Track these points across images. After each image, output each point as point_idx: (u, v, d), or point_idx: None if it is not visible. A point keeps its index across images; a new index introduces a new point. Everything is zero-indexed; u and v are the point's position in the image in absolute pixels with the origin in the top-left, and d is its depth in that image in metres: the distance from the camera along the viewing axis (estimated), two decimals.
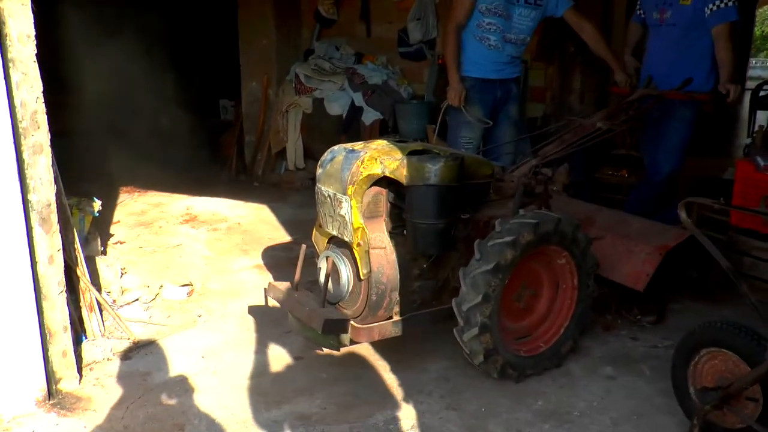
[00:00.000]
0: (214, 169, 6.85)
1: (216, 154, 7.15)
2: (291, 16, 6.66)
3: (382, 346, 3.04)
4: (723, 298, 3.54)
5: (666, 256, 3.15)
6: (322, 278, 2.83)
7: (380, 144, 2.80)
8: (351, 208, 2.64)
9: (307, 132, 6.24)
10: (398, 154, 2.69)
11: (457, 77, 4.16)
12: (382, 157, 2.67)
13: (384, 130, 5.88)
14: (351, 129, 5.96)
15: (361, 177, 2.63)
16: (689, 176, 4.28)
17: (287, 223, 5.09)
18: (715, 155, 4.57)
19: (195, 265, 4.19)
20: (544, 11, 4.18)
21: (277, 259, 4.31)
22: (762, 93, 8.15)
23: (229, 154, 6.94)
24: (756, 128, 8.03)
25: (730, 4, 3.80)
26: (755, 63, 23.07)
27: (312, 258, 3.17)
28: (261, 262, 4.28)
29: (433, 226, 2.70)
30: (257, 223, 5.14)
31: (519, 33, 4.14)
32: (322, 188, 2.79)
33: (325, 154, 2.85)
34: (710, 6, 3.82)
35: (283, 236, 4.82)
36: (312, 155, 6.28)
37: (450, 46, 4.18)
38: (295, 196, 5.93)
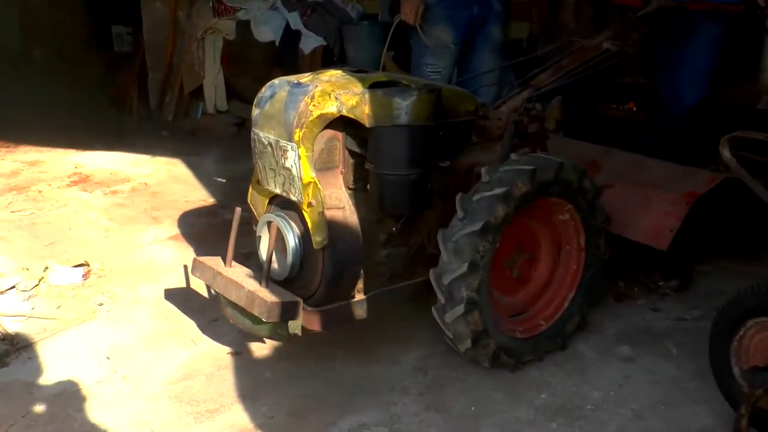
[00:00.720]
0: (110, 115, 6.75)
1: (111, 96, 7.04)
2: None
3: (343, 334, 3.01)
4: (765, 256, 3.61)
5: (694, 205, 3.17)
6: (263, 250, 2.78)
7: (334, 75, 2.73)
8: (299, 158, 2.58)
9: (230, 65, 6.18)
10: (358, 88, 2.63)
11: None
12: (337, 92, 2.60)
13: (328, 59, 5.82)
14: (286, 59, 5.88)
15: (312, 118, 2.56)
16: (715, 109, 4.32)
17: (209, 182, 5.05)
18: (744, 82, 4.62)
19: (90, 240, 4.11)
20: None
21: (199, 228, 4.27)
22: None
23: (128, 95, 6.85)
24: None
25: None
26: None
27: (248, 224, 3.11)
28: (178, 231, 4.24)
29: (405, 178, 2.66)
30: (170, 182, 5.08)
31: None
32: (261, 134, 2.71)
33: (263, 89, 2.76)
34: None
35: (204, 198, 4.78)
36: (237, 94, 6.22)
37: None
38: (216, 146, 5.87)
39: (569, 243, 2.98)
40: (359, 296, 2.80)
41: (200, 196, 4.80)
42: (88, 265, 3.76)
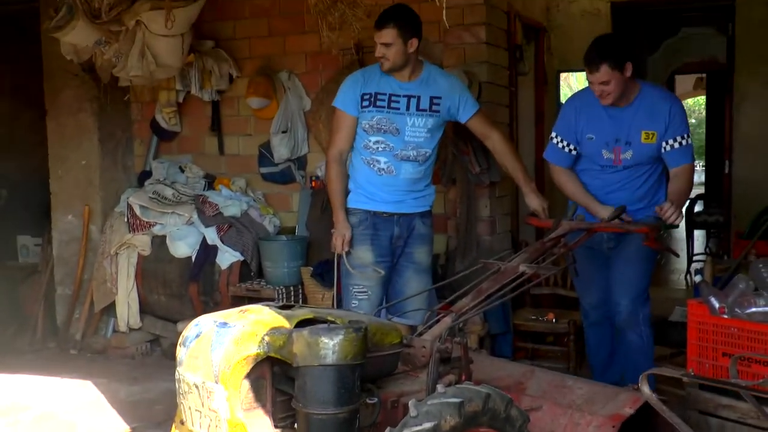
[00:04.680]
0: (10, 333, 6.64)
1: (13, 312, 6.91)
2: (120, 127, 6.75)
3: None
4: None
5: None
6: None
7: (260, 313, 2.83)
8: (225, 399, 2.62)
9: (144, 280, 6.20)
10: (284, 327, 2.72)
11: (342, 216, 4.35)
12: (263, 332, 2.69)
13: (246, 274, 5.95)
14: (203, 274, 5.97)
15: (239, 359, 2.63)
16: None
17: (123, 407, 4.94)
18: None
19: None
20: (443, 117, 4.46)
21: None
22: (697, 210, 8.94)
23: (32, 311, 6.75)
24: (694, 251, 8.77)
25: (691, 141, 4.25)
26: None
27: None
28: None
29: (333, 417, 2.69)
30: (79, 409, 4.93)
31: (416, 147, 4.39)
32: (186, 375, 2.75)
33: (188, 328, 2.83)
34: (669, 142, 4.22)
35: (116, 428, 4.64)
36: (150, 310, 6.21)
37: (331, 179, 4.39)
38: (128, 366, 5.82)
39: None
40: None
41: (112, 426, 4.67)
42: None
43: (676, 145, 4.22)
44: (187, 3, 5.51)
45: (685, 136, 4.23)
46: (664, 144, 4.23)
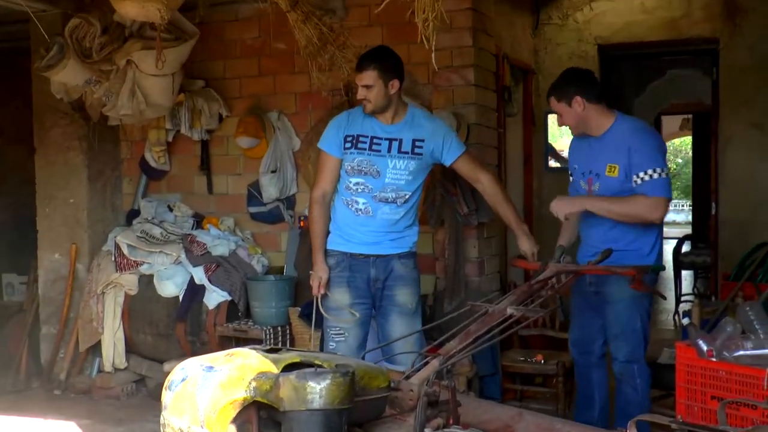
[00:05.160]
0: None
1: None
2: (108, 166, 6.76)
3: None
4: None
5: None
6: None
7: (246, 356, 2.82)
8: None
9: (131, 320, 6.16)
10: (271, 371, 2.71)
11: (321, 259, 4.37)
12: (250, 376, 2.68)
13: (233, 314, 5.93)
14: (190, 314, 5.95)
15: (225, 404, 2.62)
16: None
17: None
18: None
19: None
20: (426, 160, 4.47)
21: None
22: (685, 250, 8.99)
23: (16, 350, 6.69)
24: (682, 291, 8.80)
25: (664, 175, 4.14)
26: None
27: None
28: None
29: None
30: None
31: (396, 190, 4.40)
32: (171, 419, 2.73)
33: (174, 372, 2.82)
34: (640, 175, 4.13)
35: None
36: (136, 350, 6.18)
37: (313, 220, 4.43)
38: (113, 407, 5.76)
39: None
40: None
41: None
42: None
43: (647, 177, 4.11)
44: (178, 43, 5.57)
45: (657, 169, 4.11)
46: (634, 178, 4.15)
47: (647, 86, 11.49)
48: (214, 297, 5.91)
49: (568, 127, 4.45)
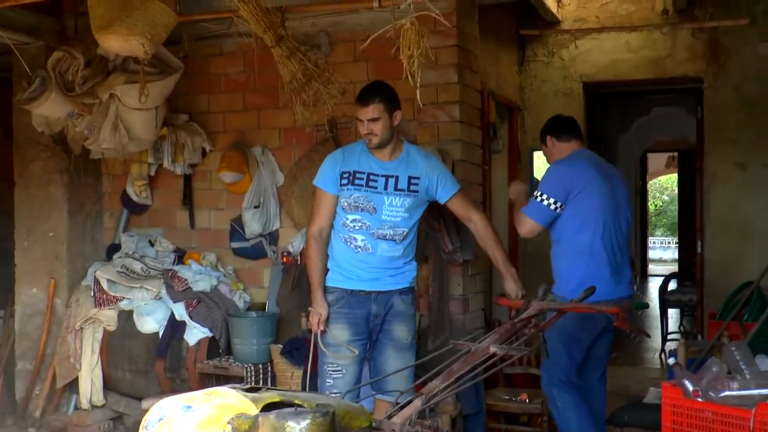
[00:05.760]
0: None
1: None
2: (90, 199, 6.72)
3: None
4: None
5: None
6: None
7: (225, 396, 2.78)
8: None
9: (109, 356, 6.10)
10: (251, 411, 2.68)
11: (320, 295, 4.36)
12: (228, 416, 2.65)
13: (214, 351, 5.87)
14: (170, 351, 5.89)
15: None
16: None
17: None
18: (625, 364, 5.05)
19: None
20: (422, 197, 4.51)
21: None
22: (671, 288, 9.01)
23: None
24: (668, 329, 8.81)
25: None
26: (654, 243, 25.52)
27: None
28: None
29: None
30: None
31: (393, 226, 4.42)
32: None
33: (151, 411, 2.77)
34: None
35: None
36: (114, 387, 6.11)
37: (310, 257, 4.43)
38: None
39: None
40: None
41: None
42: None
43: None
44: (162, 76, 5.58)
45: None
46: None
47: (632, 124, 11.61)
48: (195, 333, 5.86)
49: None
